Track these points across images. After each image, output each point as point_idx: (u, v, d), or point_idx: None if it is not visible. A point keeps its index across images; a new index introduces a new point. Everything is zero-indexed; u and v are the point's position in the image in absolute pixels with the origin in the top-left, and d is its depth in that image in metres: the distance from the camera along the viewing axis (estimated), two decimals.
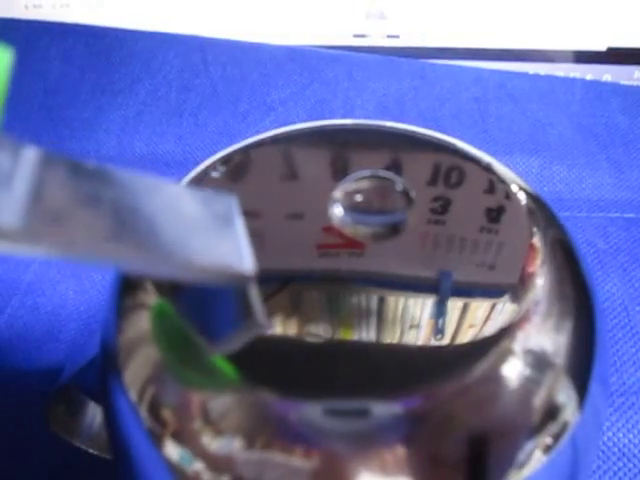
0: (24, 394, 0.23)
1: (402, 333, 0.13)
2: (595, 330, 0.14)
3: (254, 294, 0.11)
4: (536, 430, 0.12)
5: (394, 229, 0.14)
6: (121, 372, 0.13)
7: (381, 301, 0.13)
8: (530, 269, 0.13)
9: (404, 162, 0.16)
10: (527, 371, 0.12)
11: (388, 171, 0.15)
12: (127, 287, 0.14)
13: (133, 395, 0.13)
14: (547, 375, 0.13)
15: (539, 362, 0.13)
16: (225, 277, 0.11)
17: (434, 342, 0.13)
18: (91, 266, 0.10)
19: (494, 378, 0.12)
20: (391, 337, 0.13)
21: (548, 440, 0.12)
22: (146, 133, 0.34)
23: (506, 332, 0.12)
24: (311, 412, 0.12)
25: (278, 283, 0.13)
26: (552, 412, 0.12)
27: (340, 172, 0.15)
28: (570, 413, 0.13)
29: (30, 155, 0.10)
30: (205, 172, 0.16)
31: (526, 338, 0.13)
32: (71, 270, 0.28)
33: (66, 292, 0.27)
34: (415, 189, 0.15)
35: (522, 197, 0.15)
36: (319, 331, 0.13)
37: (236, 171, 0.16)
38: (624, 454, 0.21)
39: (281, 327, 0.13)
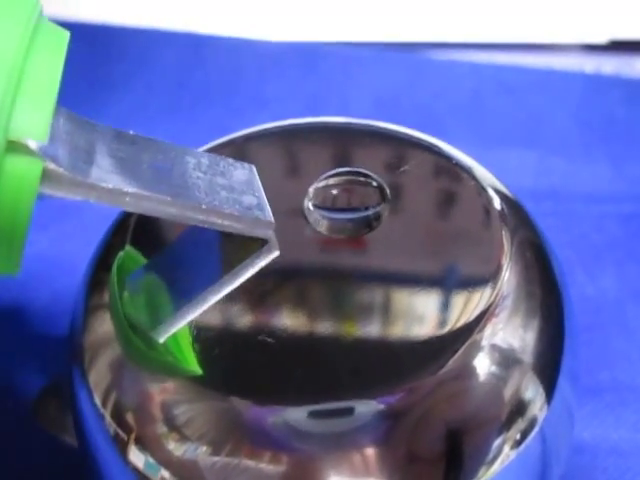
0: (14, 391, 0.23)
1: (368, 331, 0.13)
2: (563, 328, 0.14)
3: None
4: (505, 425, 0.12)
5: (365, 226, 0.14)
6: (86, 373, 0.13)
7: (346, 300, 0.13)
8: (497, 268, 0.13)
9: (382, 160, 0.16)
10: (494, 368, 0.12)
11: (365, 168, 0.15)
12: (94, 286, 0.14)
13: (97, 399, 0.13)
14: (514, 371, 0.13)
15: (506, 359, 0.13)
16: (249, 224, 0.13)
17: (400, 340, 0.13)
18: (131, 210, 0.12)
19: (461, 376, 0.12)
20: (355, 335, 0.13)
21: (517, 435, 0.12)
22: (142, 128, 0.34)
23: (472, 329, 0.13)
24: (280, 415, 0.12)
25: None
26: (520, 408, 0.13)
27: (316, 169, 0.15)
28: (538, 408, 0.13)
29: (80, 123, 0.12)
30: None
31: (493, 335, 0.13)
32: (65, 267, 0.28)
33: (60, 289, 0.27)
34: (390, 186, 0.15)
35: (496, 199, 0.15)
36: (281, 332, 0.13)
37: None
38: (614, 450, 0.21)
39: (245, 330, 0.13)
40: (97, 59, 0.36)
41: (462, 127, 0.33)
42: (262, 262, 0.13)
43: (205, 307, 0.13)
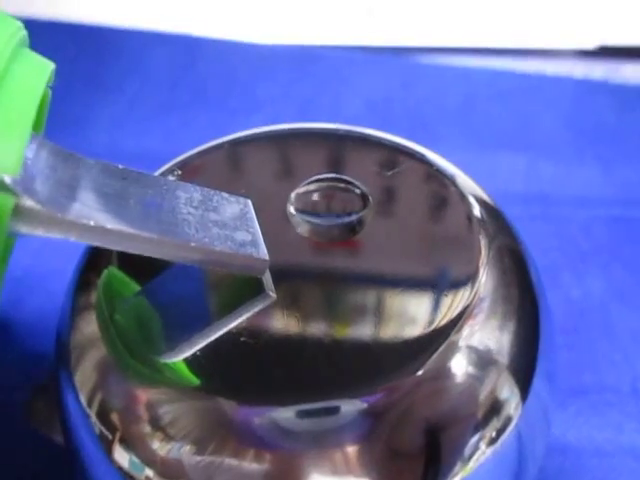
0: (6, 390, 0.23)
1: (350, 332, 0.13)
2: (539, 331, 0.14)
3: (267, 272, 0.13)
4: (481, 424, 0.13)
5: (347, 231, 0.15)
6: (72, 373, 0.13)
7: (329, 302, 0.14)
8: (475, 272, 0.14)
9: (366, 167, 0.16)
10: (471, 368, 0.13)
11: (349, 174, 0.16)
12: (81, 287, 0.14)
13: (83, 398, 0.13)
14: (490, 372, 0.13)
15: (483, 359, 0.13)
16: (242, 262, 0.12)
17: (380, 341, 0.13)
18: (116, 249, 0.11)
19: (439, 375, 0.13)
20: (337, 336, 0.13)
21: (493, 433, 0.13)
22: (135, 130, 0.34)
23: (450, 331, 0.13)
24: (264, 415, 0.12)
25: None
26: (496, 407, 0.13)
27: (301, 174, 0.16)
28: (513, 408, 0.13)
29: (65, 157, 0.11)
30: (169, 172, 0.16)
31: (470, 336, 0.13)
32: (60, 267, 0.28)
33: (54, 289, 0.27)
34: (372, 192, 0.15)
35: (476, 206, 0.15)
36: (265, 333, 0.13)
37: (187, 176, 0.16)
38: (598, 451, 0.21)
39: (229, 330, 0.13)
40: (91, 60, 0.36)
41: (453, 131, 0.33)
42: (259, 306, 0.13)
43: (201, 346, 0.13)
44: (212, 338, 0.13)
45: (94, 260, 0.15)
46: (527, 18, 0.38)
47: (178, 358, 0.12)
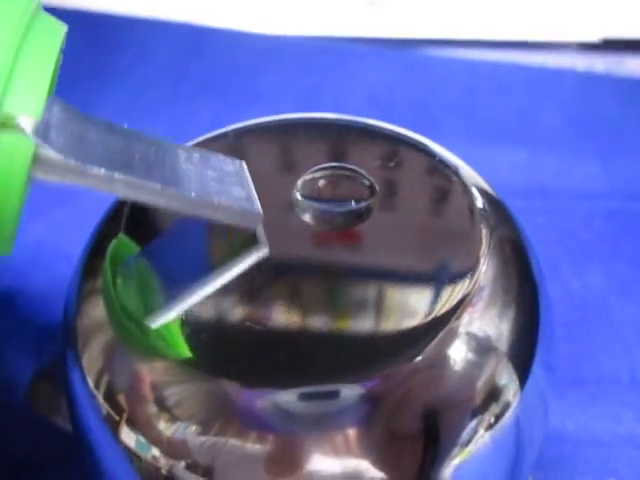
0: (10, 374, 0.23)
1: (351, 318, 0.13)
2: (538, 320, 0.14)
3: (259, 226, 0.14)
4: (480, 409, 0.13)
5: (352, 219, 0.15)
6: (80, 356, 0.14)
7: (330, 288, 0.14)
8: (476, 261, 0.14)
9: (370, 157, 0.16)
10: (470, 355, 0.13)
11: (353, 164, 0.16)
12: (88, 272, 0.15)
13: (90, 381, 0.13)
14: (489, 358, 0.13)
15: (482, 346, 0.13)
16: (237, 215, 0.13)
17: (381, 328, 0.13)
18: (122, 197, 0.12)
19: (439, 361, 0.13)
20: (338, 323, 0.13)
21: (491, 419, 0.13)
22: (139, 119, 0.34)
23: (449, 318, 0.13)
24: (266, 397, 0.12)
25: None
26: (494, 393, 0.13)
27: (305, 164, 0.16)
28: (512, 394, 0.13)
29: (75, 114, 0.12)
30: None
31: (470, 324, 0.13)
32: (63, 252, 0.28)
33: (58, 274, 0.28)
34: (376, 182, 0.16)
35: (479, 197, 0.16)
36: (268, 318, 0.13)
37: None
38: (596, 440, 0.22)
39: (233, 315, 0.13)
40: (96, 49, 0.36)
41: (455, 124, 0.33)
42: (252, 259, 0.14)
43: (196, 300, 0.13)
44: (209, 290, 0.13)
45: (100, 246, 0.15)
46: (530, 11, 0.38)
47: (176, 312, 0.13)
